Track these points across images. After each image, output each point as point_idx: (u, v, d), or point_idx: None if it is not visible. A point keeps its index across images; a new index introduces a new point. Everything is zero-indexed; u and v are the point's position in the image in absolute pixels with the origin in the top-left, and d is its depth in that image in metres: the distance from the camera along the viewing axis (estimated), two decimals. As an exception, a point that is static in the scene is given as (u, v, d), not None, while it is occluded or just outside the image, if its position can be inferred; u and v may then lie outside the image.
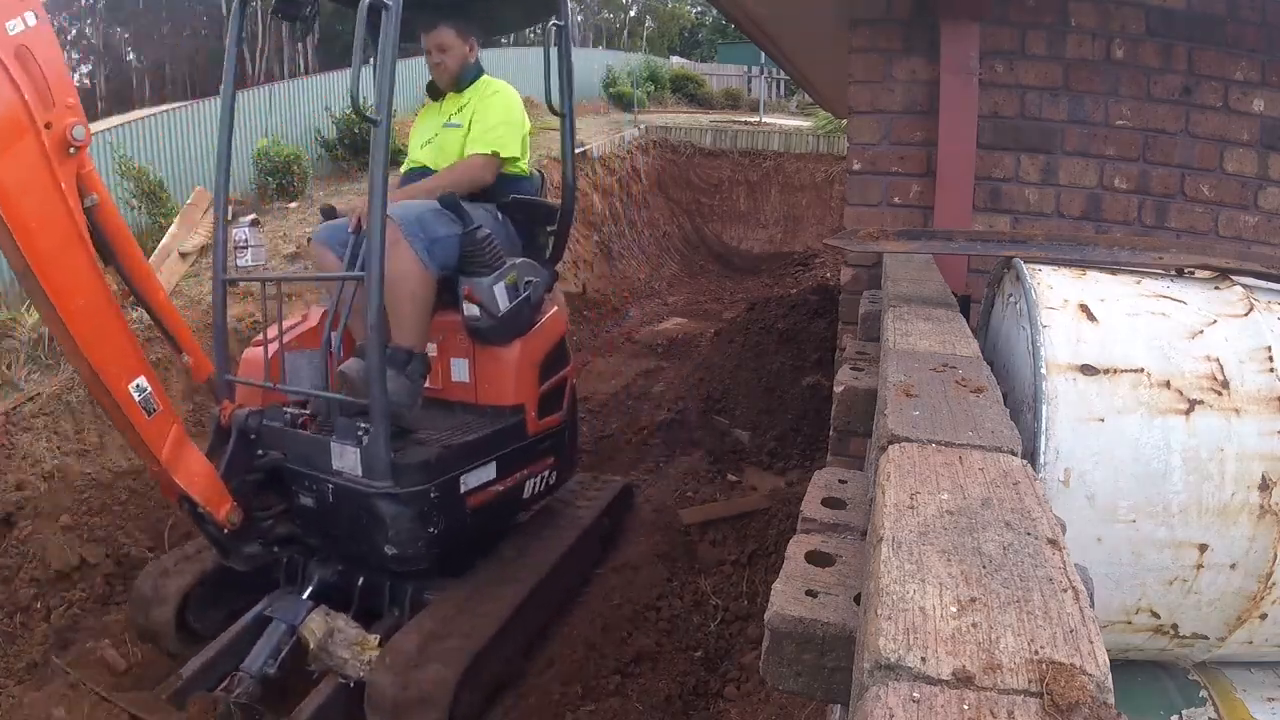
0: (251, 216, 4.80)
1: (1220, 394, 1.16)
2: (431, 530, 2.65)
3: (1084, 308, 1.26)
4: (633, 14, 39.67)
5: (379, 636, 2.66)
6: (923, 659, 0.50)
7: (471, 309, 2.95)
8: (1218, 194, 2.58)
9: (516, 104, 3.25)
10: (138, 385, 2.31)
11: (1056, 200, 2.63)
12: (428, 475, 2.63)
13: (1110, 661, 0.51)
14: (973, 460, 0.81)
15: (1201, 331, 1.22)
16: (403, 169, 3.43)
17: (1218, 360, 1.19)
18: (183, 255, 6.95)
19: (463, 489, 2.79)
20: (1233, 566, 1.16)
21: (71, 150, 2.13)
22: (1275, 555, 1.14)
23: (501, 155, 3.12)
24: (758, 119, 16.63)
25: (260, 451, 2.77)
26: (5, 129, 1.98)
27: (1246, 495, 1.13)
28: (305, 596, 2.81)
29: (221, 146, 3.02)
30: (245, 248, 4.20)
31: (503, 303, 2.95)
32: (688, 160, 13.54)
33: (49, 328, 2.25)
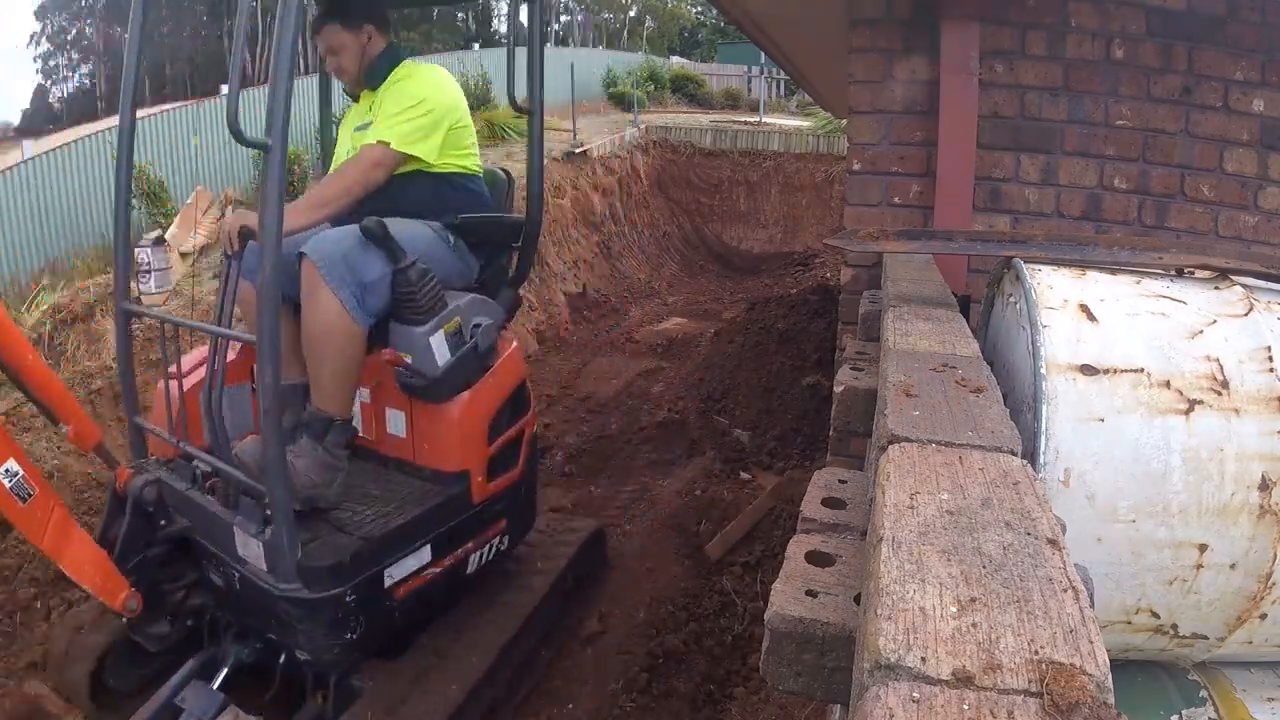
0: (156, 234, 4.30)
1: (1220, 394, 1.16)
2: (349, 635, 2.24)
3: (1084, 308, 1.26)
4: (633, 14, 39.67)
5: None
6: (923, 659, 0.50)
7: (410, 379, 2.44)
8: (1218, 194, 2.58)
9: (431, 86, 2.58)
10: (6, 470, 1.99)
11: (1056, 200, 2.63)
12: (342, 578, 2.17)
13: (1110, 661, 0.51)
14: (973, 460, 0.81)
15: (1201, 331, 1.22)
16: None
17: (1218, 360, 1.19)
18: (183, 255, 6.95)
19: (388, 582, 2.34)
20: (1232, 566, 1.16)
21: None
22: (1275, 555, 1.14)
23: (394, 146, 2.44)
24: (758, 119, 16.63)
25: (163, 520, 2.34)
26: None
27: (1246, 495, 1.13)
28: (218, 686, 2.39)
29: (121, 167, 2.52)
30: (148, 272, 3.71)
31: (441, 356, 2.41)
32: (688, 160, 13.54)
33: None
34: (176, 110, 9.07)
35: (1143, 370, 1.18)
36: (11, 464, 2.02)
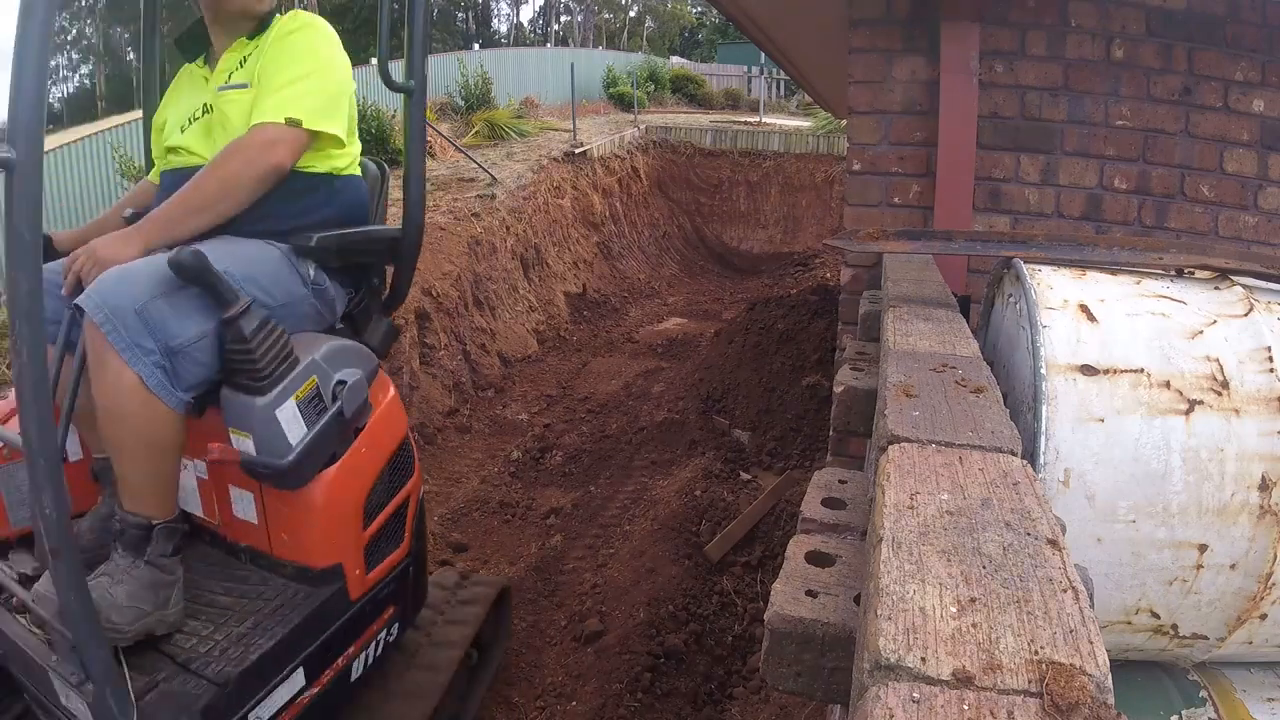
0: None
1: (1220, 394, 1.16)
2: None
3: (1084, 308, 1.27)
4: (633, 14, 39.69)
5: None
6: (923, 659, 0.50)
7: (243, 444, 1.78)
8: (1218, 194, 2.58)
9: (333, 44, 2.00)
10: None
11: (1056, 200, 2.63)
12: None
13: (1110, 661, 0.51)
14: (973, 460, 0.81)
15: (1201, 332, 1.23)
16: (153, 176, 2.19)
17: (1218, 360, 1.19)
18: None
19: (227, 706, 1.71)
20: (1232, 567, 1.16)
21: None
22: (1275, 555, 1.14)
23: (306, 124, 1.86)
24: (758, 119, 16.63)
25: None
26: None
27: (1246, 495, 1.13)
28: None
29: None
30: None
31: (295, 433, 1.78)
32: (688, 160, 13.55)
33: None
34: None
35: (1143, 370, 1.18)
36: None
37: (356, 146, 2.13)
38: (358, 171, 2.15)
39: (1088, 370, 1.19)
